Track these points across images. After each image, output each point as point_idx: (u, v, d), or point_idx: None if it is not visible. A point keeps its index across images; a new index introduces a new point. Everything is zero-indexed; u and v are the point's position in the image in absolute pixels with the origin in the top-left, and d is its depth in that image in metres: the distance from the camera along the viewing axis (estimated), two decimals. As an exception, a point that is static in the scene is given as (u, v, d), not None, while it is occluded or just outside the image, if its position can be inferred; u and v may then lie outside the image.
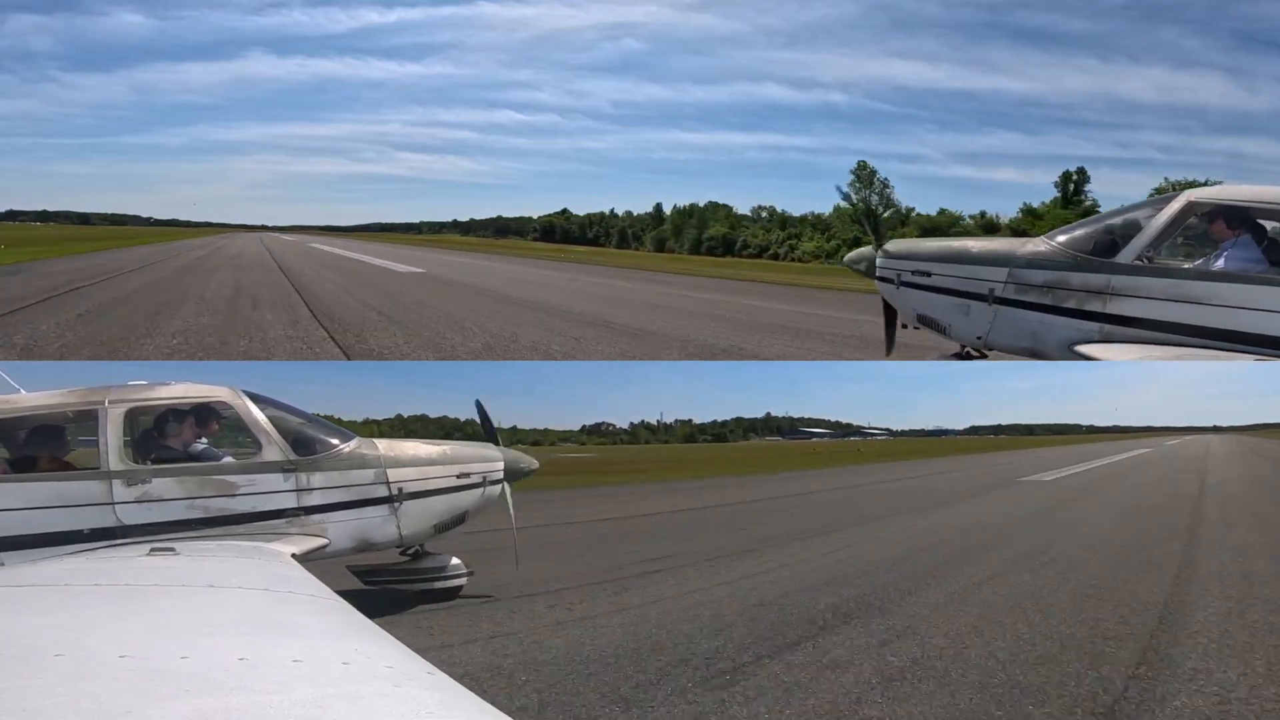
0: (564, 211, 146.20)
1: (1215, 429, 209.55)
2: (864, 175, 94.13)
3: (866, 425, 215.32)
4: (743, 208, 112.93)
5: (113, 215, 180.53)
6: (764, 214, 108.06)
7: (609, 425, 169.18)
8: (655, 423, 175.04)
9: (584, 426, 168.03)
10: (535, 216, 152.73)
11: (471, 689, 2.96)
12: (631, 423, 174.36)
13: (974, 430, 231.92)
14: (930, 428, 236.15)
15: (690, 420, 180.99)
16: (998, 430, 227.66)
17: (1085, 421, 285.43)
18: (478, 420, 9.23)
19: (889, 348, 8.05)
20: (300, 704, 2.56)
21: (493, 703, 2.86)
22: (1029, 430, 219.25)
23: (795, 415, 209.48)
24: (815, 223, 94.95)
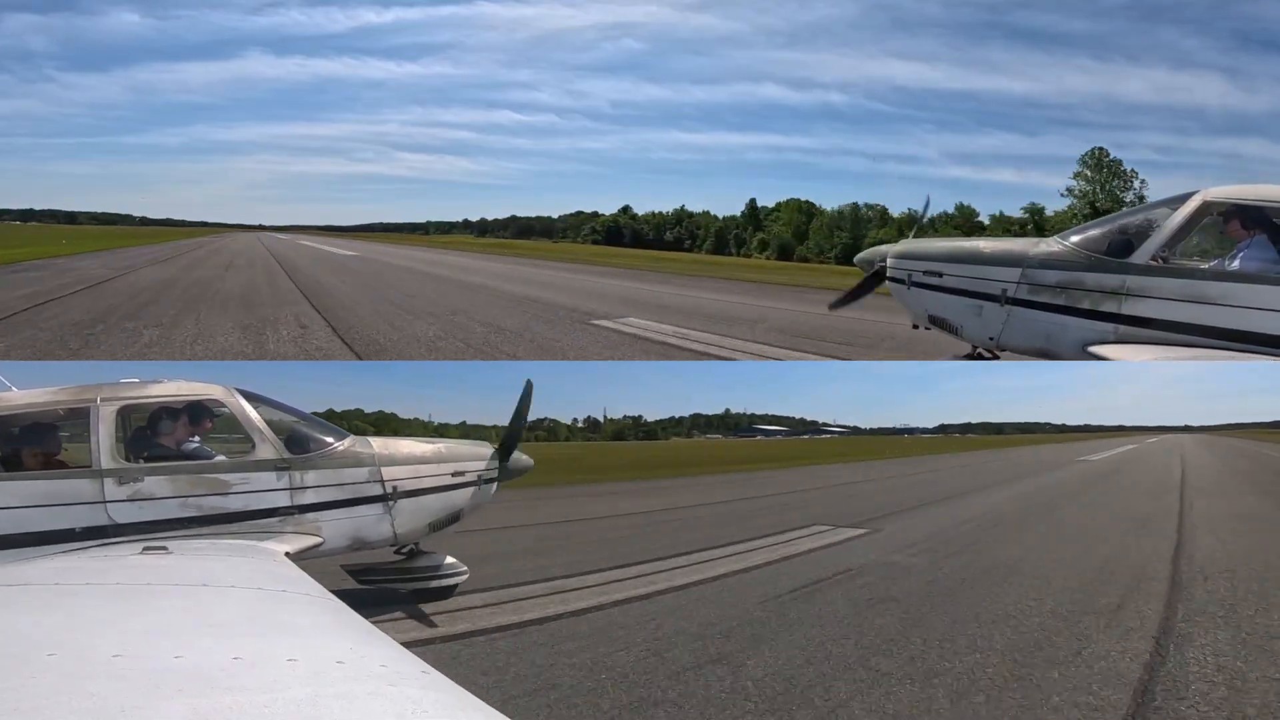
0: (626, 209, 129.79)
1: (1187, 428, 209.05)
2: (1101, 163, 77.69)
3: (831, 422, 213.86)
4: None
5: (102, 215, 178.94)
6: (870, 214, 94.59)
7: (550, 421, 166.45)
8: (598, 419, 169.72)
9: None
10: (555, 216, 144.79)
11: (466, 687, 2.93)
12: (575, 419, 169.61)
13: (943, 429, 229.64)
14: (898, 425, 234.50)
15: (640, 417, 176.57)
16: (966, 429, 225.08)
17: (1057, 420, 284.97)
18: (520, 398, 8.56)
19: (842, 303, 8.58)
20: (295, 703, 2.55)
21: (487, 701, 2.83)
22: (998, 429, 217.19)
23: (758, 412, 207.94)
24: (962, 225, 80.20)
